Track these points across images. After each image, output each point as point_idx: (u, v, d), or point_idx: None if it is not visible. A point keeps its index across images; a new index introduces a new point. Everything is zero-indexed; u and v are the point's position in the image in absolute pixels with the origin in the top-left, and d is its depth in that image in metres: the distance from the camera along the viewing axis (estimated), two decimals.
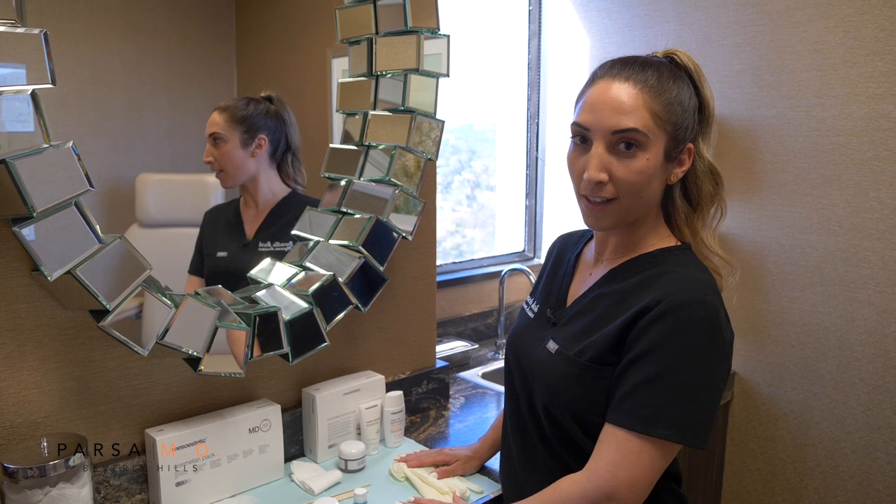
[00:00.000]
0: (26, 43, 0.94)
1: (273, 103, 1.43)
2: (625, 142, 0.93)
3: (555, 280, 1.15)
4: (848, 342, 1.83)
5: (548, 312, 1.10)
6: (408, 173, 1.46)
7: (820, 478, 1.93)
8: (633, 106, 0.93)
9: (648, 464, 0.90)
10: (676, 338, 0.90)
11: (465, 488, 1.26)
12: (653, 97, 0.93)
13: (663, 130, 0.94)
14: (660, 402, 0.89)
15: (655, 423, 0.89)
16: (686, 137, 0.98)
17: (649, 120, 0.93)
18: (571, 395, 0.98)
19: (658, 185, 0.99)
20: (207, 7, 1.43)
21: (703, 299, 0.92)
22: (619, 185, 0.95)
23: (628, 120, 0.92)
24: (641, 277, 0.99)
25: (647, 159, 0.94)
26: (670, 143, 0.96)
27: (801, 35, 1.82)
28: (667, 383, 0.89)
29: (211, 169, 1.39)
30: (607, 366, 0.95)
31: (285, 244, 1.43)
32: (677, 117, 0.96)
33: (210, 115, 1.38)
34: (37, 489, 1.00)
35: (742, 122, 1.97)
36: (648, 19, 2.15)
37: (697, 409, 0.90)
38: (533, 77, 2.55)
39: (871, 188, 1.75)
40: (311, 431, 1.40)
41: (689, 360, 0.90)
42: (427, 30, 1.42)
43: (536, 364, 1.05)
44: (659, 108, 0.93)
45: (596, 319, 1.00)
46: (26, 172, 0.95)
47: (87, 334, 1.15)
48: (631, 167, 0.94)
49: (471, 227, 2.68)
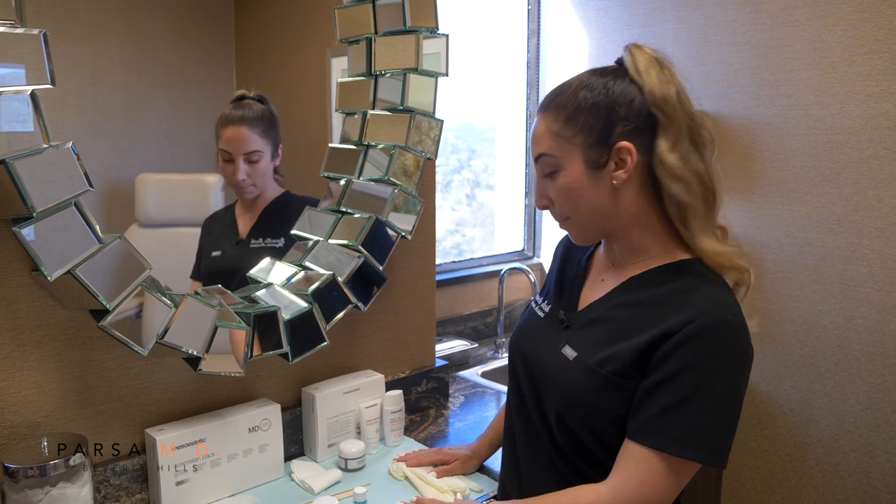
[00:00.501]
0: (26, 43, 0.94)
1: (265, 103, 1.43)
2: (544, 167, 1.00)
3: (565, 280, 1.14)
4: (847, 340, 1.83)
5: (560, 314, 1.08)
6: (407, 172, 1.46)
7: (819, 476, 1.93)
8: (540, 134, 0.99)
9: (675, 484, 0.92)
10: (707, 360, 0.90)
11: (464, 487, 1.26)
12: (554, 118, 0.98)
13: (572, 144, 0.96)
14: (690, 424, 0.90)
15: (685, 444, 0.89)
16: (613, 137, 0.94)
17: (551, 141, 0.97)
18: (589, 406, 0.97)
19: (597, 194, 0.96)
20: (207, 8, 1.43)
21: (732, 320, 0.92)
22: (558, 205, 1.01)
23: (538, 147, 1.00)
24: (664, 290, 0.96)
25: (564, 176, 0.97)
26: (590, 151, 0.95)
27: (799, 34, 1.82)
28: (697, 406, 0.90)
29: (240, 186, 1.39)
30: (629, 379, 0.94)
31: (277, 240, 1.43)
32: (587, 124, 0.94)
33: (226, 128, 1.37)
34: (37, 489, 1.01)
35: (741, 121, 1.97)
36: (647, 18, 2.15)
37: (724, 431, 0.91)
38: (532, 76, 2.56)
39: (870, 186, 1.75)
40: (311, 430, 1.40)
41: (720, 383, 0.90)
42: (426, 29, 1.42)
43: (550, 368, 1.03)
44: (559, 126, 0.97)
45: (617, 330, 0.98)
46: (26, 173, 0.96)
47: (87, 334, 1.15)
48: (555, 187, 0.99)
49: (470, 227, 2.68)
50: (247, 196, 1.42)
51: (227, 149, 1.37)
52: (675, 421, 0.90)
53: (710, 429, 0.90)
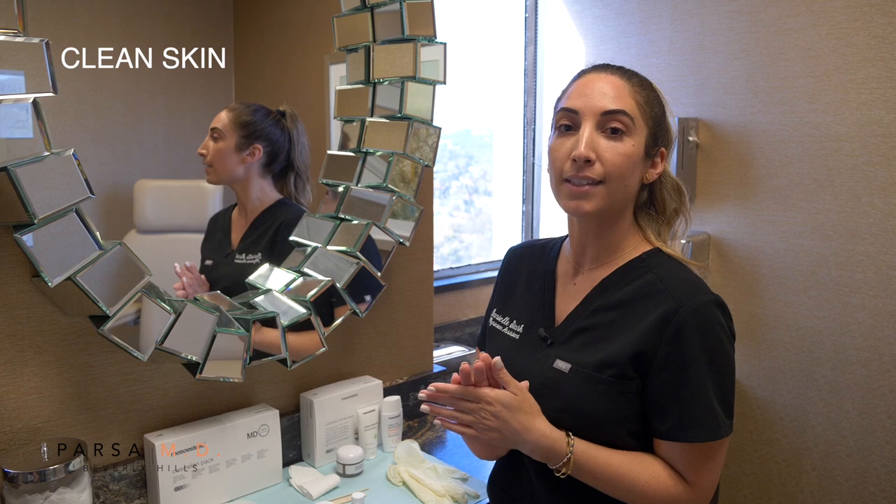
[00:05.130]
0: (27, 51, 0.95)
1: (285, 118, 1.44)
2: (613, 124, 0.97)
3: (531, 297, 1.11)
4: (842, 346, 1.85)
5: (541, 332, 1.06)
6: (405, 179, 1.47)
7: (815, 481, 1.94)
8: (621, 93, 0.98)
9: (721, 459, 0.99)
10: (705, 342, 0.94)
11: (462, 492, 1.27)
12: (637, 90, 0.99)
13: (646, 123, 0.99)
14: (713, 406, 0.95)
15: (717, 426, 0.95)
16: (661, 140, 1.03)
17: (636, 107, 0.98)
18: (597, 412, 0.97)
19: (637, 179, 1.01)
20: (205, 15, 1.44)
21: (711, 299, 0.96)
22: (606, 166, 0.96)
23: (618, 103, 0.97)
24: (639, 284, 1.00)
25: (632, 144, 0.97)
26: (650, 139, 1.00)
27: (794, 42, 1.84)
28: (711, 387, 0.95)
29: (203, 162, 1.41)
30: (629, 380, 0.96)
31: (255, 256, 1.43)
32: (656, 115, 1.01)
33: (216, 115, 1.40)
34: (37, 494, 1.01)
35: (736, 128, 1.99)
36: (643, 26, 2.17)
37: (732, 396, 0.99)
38: (529, 84, 2.57)
39: (864, 193, 1.76)
40: (310, 436, 1.41)
41: (720, 358, 0.96)
42: (424, 37, 1.44)
43: (544, 385, 1.01)
44: (642, 99, 0.99)
45: (604, 334, 0.99)
46: (27, 179, 0.96)
47: (87, 340, 1.15)
48: (618, 150, 0.96)
49: (468, 233, 2.69)
50: (207, 179, 1.42)
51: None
52: (704, 411, 0.94)
53: (727, 401, 0.97)
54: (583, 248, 1.06)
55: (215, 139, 1.39)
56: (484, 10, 2.49)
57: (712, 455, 0.97)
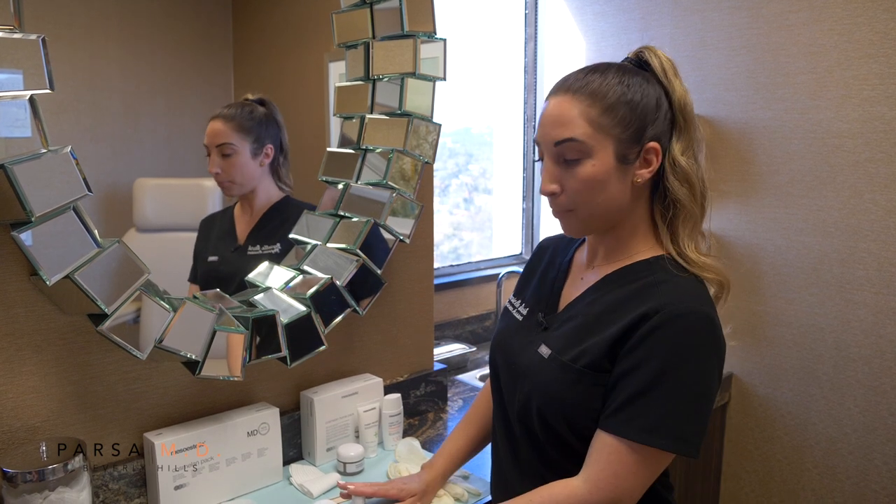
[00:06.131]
0: (24, 48, 0.94)
1: (266, 107, 1.43)
2: (566, 155, 0.95)
3: (545, 284, 1.14)
4: (844, 343, 1.84)
5: (539, 317, 1.08)
6: (405, 177, 1.46)
7: (817, 479, 1.94)
8: (570, 117, 0.94)
9: (647, 474, 0.92)
10: (675, 348, 0.90)
11: (462, 492, 1.26)
12: (590, 104, 0.94)
13: (607, 134, 0.94)
14: (658, 413, 0.90)
15: (654, 433, 0.89)
16: (645, 136, 0.96)
17: (587, 127, 0.94)
18: (566, 401, 0.97)
19: (619, 189, 0.97)
20: (204, 12, 1.43)
21: (701, 309, 0.92)
22: (569, 195, 0.97)
23: (565, 131, 0.94)
24: (637, 285, 0.98)
25: (592, 165, 0.94)
26: (622, 145, 0.95)
27: (795, 38, 1.83)
28: (665, 393, 0.90)
29: (218, 182, 1.38)
30: (603, 372, 0.95)
31: (273, 246, 1.43)
32: (625, 118, 0.94)
33: (208, 123, 1.37)
34: (36, 493, 1.00)
35: (737, 125, 1.98)
36: (644, 22, 2.16)
37: (694, 420, 0.91)
38: (529, 80, 2.56)
39: (866, 190, 1.76)
40: (310, 434, 1.40)
41: (687, 370, 0.90)
42: (423, 34, 1.43)
43: (527, 368, 1.04)
44: (596, 113, 0.94)
45: (589, 326, 0.99)
46: (25, 177, 0.96)
47: (86, 338, 1.15)
48: (577, 176, 0.95)
49: (468, 230, 2.68)
50: (227, 193, 1.41)
51: (205, 143, 1.37)
52: (642, 409, 0.90)
53: (678, 417, 0.90)
54: (596, 247, 1.07)
55: (227, 155, 1.36)
56: (484, 6, 2.48)
57: (627, 461, 0.91)
